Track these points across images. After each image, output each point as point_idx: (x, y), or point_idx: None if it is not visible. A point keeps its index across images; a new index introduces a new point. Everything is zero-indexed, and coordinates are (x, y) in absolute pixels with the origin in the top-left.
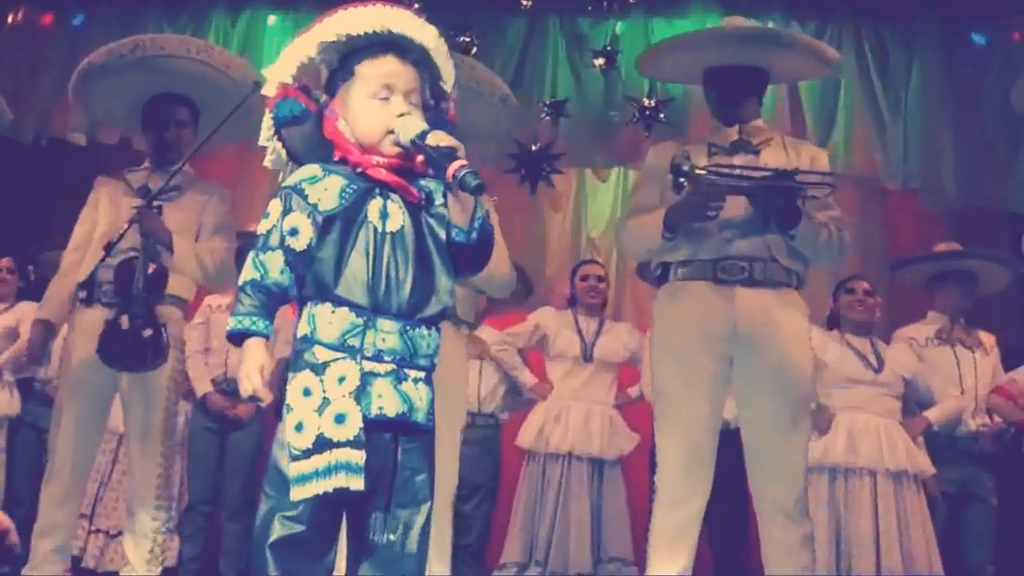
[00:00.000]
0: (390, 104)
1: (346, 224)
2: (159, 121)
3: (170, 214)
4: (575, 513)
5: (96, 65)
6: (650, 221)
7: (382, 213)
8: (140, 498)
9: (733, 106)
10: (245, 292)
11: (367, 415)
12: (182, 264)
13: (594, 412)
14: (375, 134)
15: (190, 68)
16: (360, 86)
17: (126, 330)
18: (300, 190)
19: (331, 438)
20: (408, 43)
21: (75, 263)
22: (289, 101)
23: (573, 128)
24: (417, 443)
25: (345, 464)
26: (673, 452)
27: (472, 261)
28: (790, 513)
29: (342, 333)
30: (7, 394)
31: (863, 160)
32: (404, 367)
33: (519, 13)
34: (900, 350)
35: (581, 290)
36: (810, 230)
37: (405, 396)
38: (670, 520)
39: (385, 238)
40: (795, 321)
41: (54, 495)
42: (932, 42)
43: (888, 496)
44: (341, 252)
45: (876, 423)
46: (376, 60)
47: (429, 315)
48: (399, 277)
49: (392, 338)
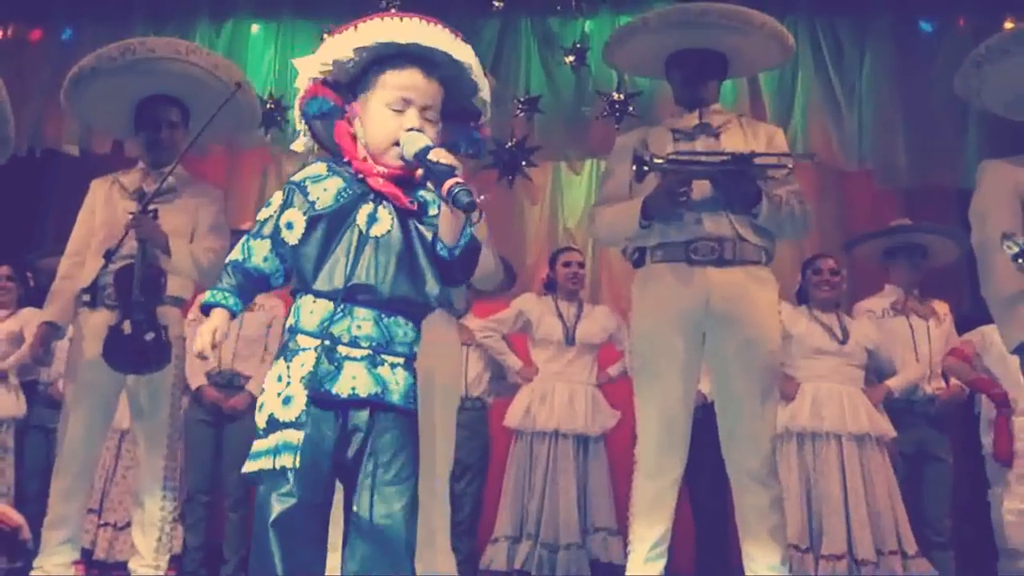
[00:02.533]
0: (403, 116)
1: (333, 224)
2: (151, 123)
3: (166, 216)
4: (563, 487)
5: (87, 69)
6: (624, 210)
7: (370, 218)
8: (148, 489)
9: (695, 88)
10: (226, 271)
11: (341, 395)
12: (179, 265)
13: (577, 391)
14: (382, 143)
15: (179, 69)
16: (379, 94)
17: (129, 335)
18: (303, 187)
19: (278, 419)
20: (439, 58)
21: (75, 266)
22: (319, 99)
23: (547, 123)
24: (395, 423)
25: (286, 444)
26: (650, 426)
27: (452, 275)
28: (759, 477)
29: (321, 320)
30: (13, 397)
31: (820, 145)
32: (381, 352)
33: (491, 15)
34: (863, 323)
35: (562, 276)
36: (772, 207)
37: (379, 378)
38: (649, 489)
39: (368, 241)
40: (765, 296)
41: (63, 489)
42: (883, 31)
43: (853, 458)
44: (324, 250)
45: (839, 390)
46: (400, 72)
47: (406, 309)
48: (377, 277)
49: (367, 325)
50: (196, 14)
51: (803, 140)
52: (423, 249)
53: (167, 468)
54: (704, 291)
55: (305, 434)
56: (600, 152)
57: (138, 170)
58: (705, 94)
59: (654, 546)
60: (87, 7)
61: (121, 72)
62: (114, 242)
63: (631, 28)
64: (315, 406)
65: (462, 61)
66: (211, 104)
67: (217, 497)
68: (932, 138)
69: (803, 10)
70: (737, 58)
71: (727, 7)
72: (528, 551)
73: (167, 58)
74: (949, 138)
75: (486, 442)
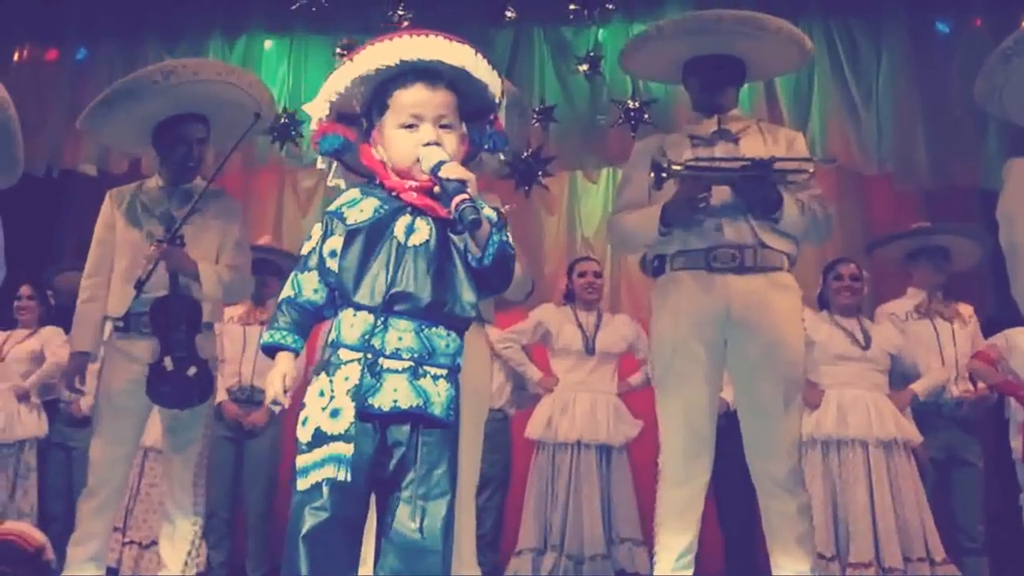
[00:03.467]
0: (419, 132)
1: (371, 237)
2: (180, 141)
3: (192, 239)
4: (586, 498)
5: (122, 93)
6: (644, 217)
7: (408, 228)
8: (180, 504)
9: (713, 94)
10: (280, 309)
11: (382, 408)
12: (209, 291)
13: (599, 401)
14: (404, 162)
15: (219, 91)
16: (392, 117)
17: (171, 372)
18: (340, 214)
19: (326, 432)
20: (440, 67)
21: (97, 286)
22: (330, 136)
23: (562, 133)
24: (436, 437)
25: (335, 457)
26: (674, 435)
27: (488, 283)
28: (785, 485)
29: (362, 334)
30: (35, 416)
31: (839, 148)
32: (423, 364)
33: (504, 25)
34: (886, 327)
35: (579, 286)
36: (793, 212)
37: (421, 390)
38: (675, 499)
39: (407, 251)
40: (787, 302)
41: (92, 508)
42: (899, 32)
43: (880, 465)
44: (364, 262)
45: (864, 396)
46: (405, 90)
47: (446, 319)
48: (417, 285)
49: (408, 336)
50: (209, 31)
51: (821, 143)
52: (460, 259)
53: (198, 487)
54: (725, 298)
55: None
56: (616, 160)
57: (158, 187)
58: (723, 100)
59: (681, 555)
60: (101, 27)
61: (160, 94)
62: (141, 270)
63: (646, 36)
64: (357, 420)
65: (460, 65)
66: (233, 118)
67: (238, 514)
68: (951, 138)
69: (817, 12)
70: (755, 63)
71: (741, 13)
72: (553, 563)
73: (210, 80)
74: (969, 138)
75: (508, 454)
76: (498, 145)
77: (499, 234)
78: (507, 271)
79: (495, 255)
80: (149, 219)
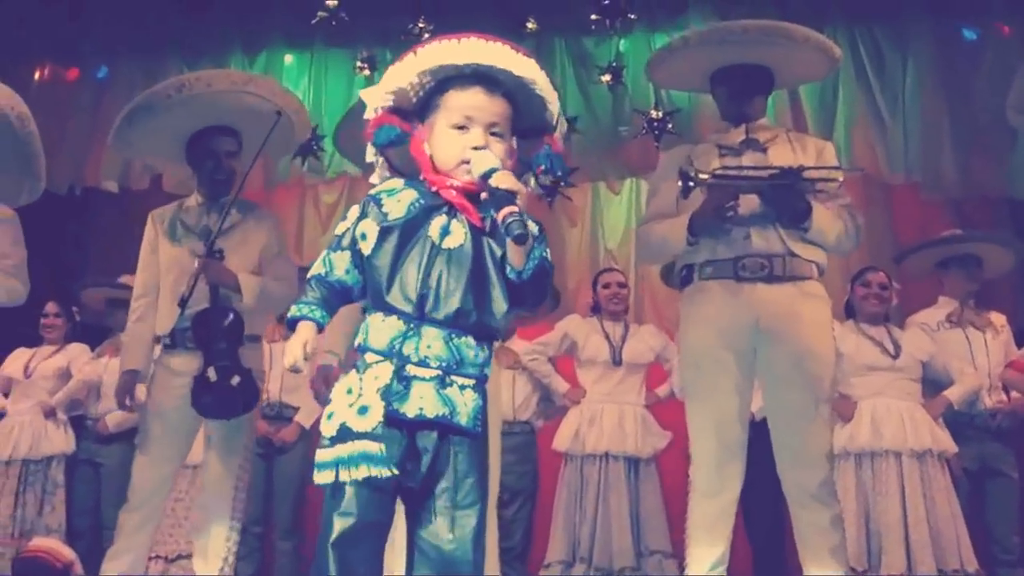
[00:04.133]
0: (468, 135)
1: (405, 235)
2: (210, 154)
3: (231, 251)
4: (615, 510)
5: (141, 108)
6: (671, 226)
7: (443, 229)
8: (217, 519)
9: (741, 104)
10: (309, 285)
11: (408, 415)
12: (251, 302)
13: (627, 413)
14: (450, 162)
15: (236, 100)
16: (444, 116)
17: (215, 382)
18: (378, 199)
19: (352, 428)
20: (501, 76)
21: (147, 307)
22: (386, 127)
23: (585, 144)
24: (466, 446)
25: (364, 455)
26: (705, 447)
27: (524, 297)
28: (818, 496)
29: (391, 339)
30: (62, 432)
31: (865, 156)
32: (450, 374)
33: (525, 36)
34: (915, 334)
35: (604, 297)
36: (822, 221)
37: (447, 399)
38: (706, 511)
39: (440, 253)
40: (817, 312)
41: (133, 522)
42: (925, 40)
43: (914, 476)
44: (396, 261)
45: (898, 406)
46: (462, 92)
47: (476, 329)
48: (449, 290)
49: (437, 345)
50: (230, 47)
51: (846, 152)
52: (494, 267)
53: (236, 499)
54: (754, 308)
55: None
56: (639, 171)
57: (198, 204)
58: (751, 109)
59: (713, 567)
60: (122, 45)
61: (177, 107)
62: (185, 286)
63: (672, 47)
64: (384, 422)
65: (524, 76)
66: (265, 129)
67: (268, 529)
68: (979, 147)
69: (841, 19)
70: (782, 71)
71: (768, 23)
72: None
73: (225, 91)
74: (997, 146)
75: (535, 466)
76: (554, 167)
77: (540, 248)
78: (544, 287)
79: (535, 270)
80: (189, 236)
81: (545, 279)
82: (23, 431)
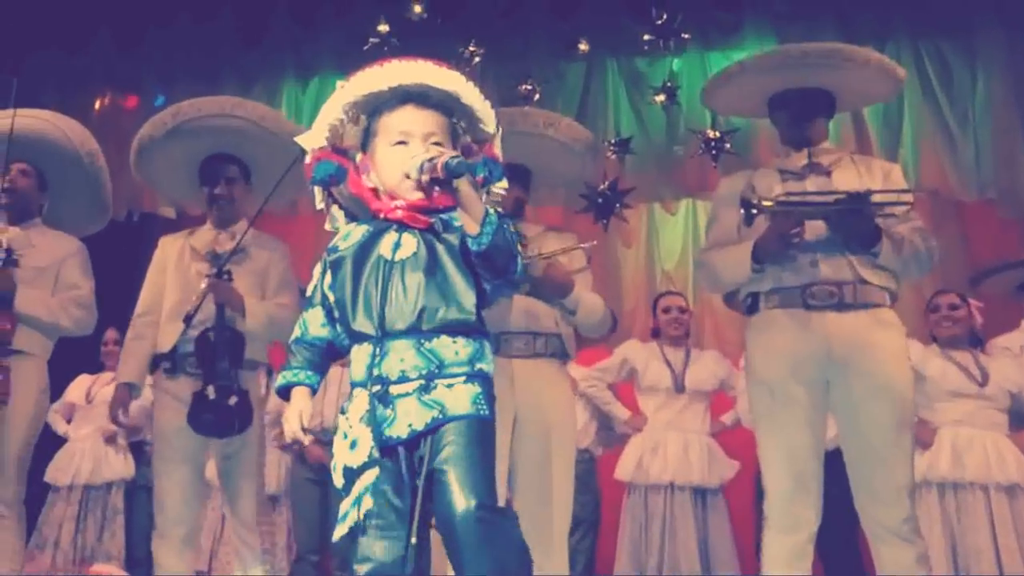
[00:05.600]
0: (408, 148)
1: (358, 261)
2: (210, 179)
3: (239, 276)
4: (682, 542)
5: (145, 139)
6: (735, 254)
7: (395, 244)
8: (249, 546)
9: (802, 128)
10: (291, 349)
11: (402, 436)
12: (255, 326)
13: (692, 442)
14: (394, 177)
15: (223, 124)
16: (382, 138)
17: (213, 400)
18: (335, 248)
19: (352, 466)
20: (429, 91)
21: (147, 325)
22: (323, 163)
23: (639, 164)
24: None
25: (364, 489)
26: (779, 480)
27: (493, 267)
28: (900, 533)
29: (366, 368)
30: (121, 457)
31: (934, 175)
32: (433, 379)
33: (577, 57)
34: (1005, 362)
35: (664, 322)
36: (893, 245)
37: (433, 402)
38: (783, 547)
39: (394, 266)
40: (892, 340)
41: (164, 548)
42: (994, 51)
43: (1004, 510)
44: (354, 288)
45: (982, 437)
46: (394, 112)
47: (442, 325)
48: (407, 297)
49: (409, 355)
50: (283, 73)
51: (915, 171)
52: (452, 261)
53: (261, 534)
54: (825, 338)
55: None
56: (695, 191)
57: (207, 230)
58: (812, 133)
59: None
60: (178, 72)
61: (175, 136)
62: (190, 306)
63: (728, 73)
64: (382, 456)
65: (448, 89)
66: (269, 158)
67: (325, 556)
68: None
69: (905, 34)
70: (845, 94)
71: (828, 46)
72: None
73: (211, 115)
74: None
75: (597, 495)
76: (494, 174)
77: (498, 217)
78: (510, 253)
79: (493, 233)
80: (198, 260)
81: (509, 245)
82: (84, 457)
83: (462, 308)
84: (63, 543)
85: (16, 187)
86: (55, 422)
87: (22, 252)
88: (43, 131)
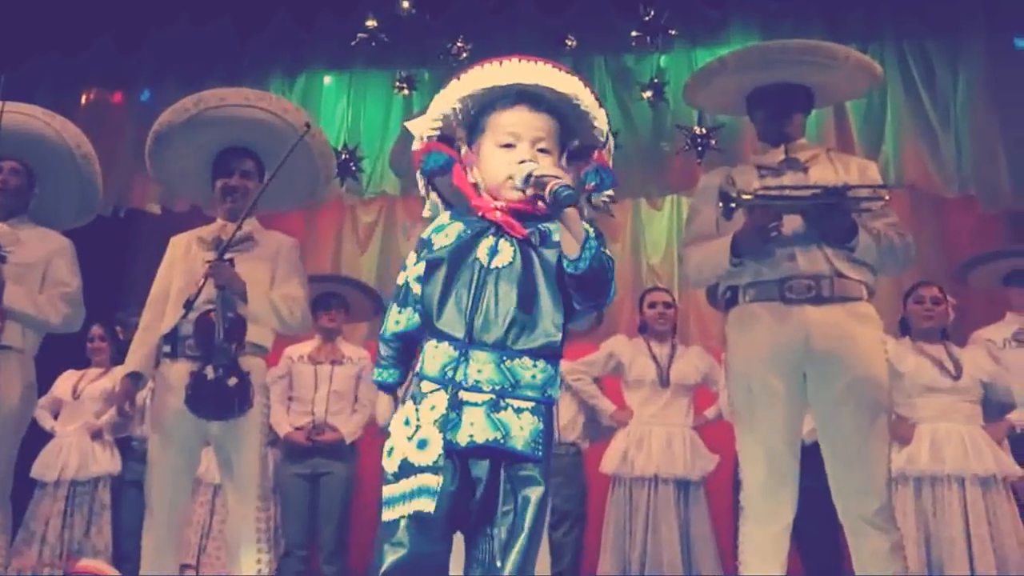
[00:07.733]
0: (515, 151)
1: (453, 263)
2: (225, 171)
3: (243, 265)
4: (665, 534)
5: (165, 126)
6: (714, 248)
7: (491, 250)
8: (244, 543)
9: (780, 124)
10: (383, 342)
11: (460, 444)
12: (258, 312)
13: (675, 435)
14: (497, 178)
15: (247, 115)
16: (490, 136)
17: (212, 380)
18: (428, 241)
19: (413, 463)
20: (545, 93)
21: (155, 317)
22: (433, 154)
23: (625, 160)
24: (519, 472)
25: (424, 488)
26: (755, 472)
27: (586, 292)
28: (875, 523)
29: (442, 366)
30: (108, 453)
31: (915, 171)
32: (505, 397)
33: (564, 53)
34: (976, 354)
35: (650, 317)
36: (869, 240)
37: (499, 423)
38: (761, 537)
39: (490, 273)
40: (868, 334)
41: (155, 543)
42: (976, 51)
43: (978, 502)
44: (446, 288)
45: (959, 430)
46: (505, 111)
47: (529, 347)
48: (498, 310)
49: (488, 368)
50: (270, 68)
51: (896, 167)
52: (545, 278)
53: (260, 520)
54: (802, 331)
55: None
56: (680, 187)
57: (216, 224)
58: (790, 129)
59: None
60: (165, 68)
61: (195, 125)
62: (193, 290)
63: (710, 70)
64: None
65: (566, 92)
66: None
67: (314, 551)
68: None
69: (890, 34)
70: (822, 90)
71: (808, 42)
72: None
73: (235, 104)
74: None
75: (583, 488)
76: (604, 182)
77: (597, 242)
78: (605, 280)
79: (592, 258)
80: (204, 248)
81: (604, 271)
82: (71, 452)
83: (548, 332)
84: (50, 538)
85: (5, 184)
86: (42, 418)
87: (10, 249)
88: (34, 128)
